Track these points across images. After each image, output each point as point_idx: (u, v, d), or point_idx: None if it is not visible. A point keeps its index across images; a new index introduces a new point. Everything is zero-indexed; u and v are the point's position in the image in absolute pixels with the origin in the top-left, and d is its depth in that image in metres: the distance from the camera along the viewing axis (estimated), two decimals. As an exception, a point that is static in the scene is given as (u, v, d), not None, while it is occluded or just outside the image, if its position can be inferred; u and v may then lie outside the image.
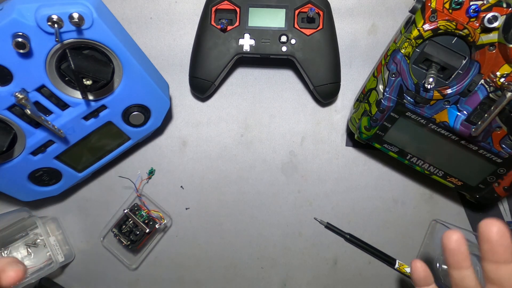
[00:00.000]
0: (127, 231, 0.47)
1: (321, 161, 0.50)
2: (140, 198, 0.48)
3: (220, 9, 0.44)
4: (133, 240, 0.47)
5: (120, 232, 0.47)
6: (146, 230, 0.46)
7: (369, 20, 0.48)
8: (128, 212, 0.47)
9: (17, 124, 0.37)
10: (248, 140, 0.50)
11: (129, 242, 0.47)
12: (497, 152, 0.40)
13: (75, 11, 0.31)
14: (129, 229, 0.47)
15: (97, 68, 0.35)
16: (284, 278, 0.51)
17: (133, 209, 0.47)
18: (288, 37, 0.43)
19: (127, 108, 0.41)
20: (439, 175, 0.44)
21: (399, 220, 0.50)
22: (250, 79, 0.50)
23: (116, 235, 0.47)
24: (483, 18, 0.34)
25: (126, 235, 0.47)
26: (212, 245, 0.50)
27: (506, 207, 0.50)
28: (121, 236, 0.47)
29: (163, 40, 0.49)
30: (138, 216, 0.47)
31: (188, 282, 0.51)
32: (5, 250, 0.47)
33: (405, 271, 0.49)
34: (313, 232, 0.50)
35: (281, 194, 0.50)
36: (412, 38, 0.36)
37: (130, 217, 0.47)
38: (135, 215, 0.47)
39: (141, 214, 0.47)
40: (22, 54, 0.33)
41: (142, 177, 0.49)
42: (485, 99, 0.37)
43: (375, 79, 0.41)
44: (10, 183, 0.42)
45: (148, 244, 0.49)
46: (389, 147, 0.44)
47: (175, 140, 0.50)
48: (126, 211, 0.46)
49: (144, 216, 0.47)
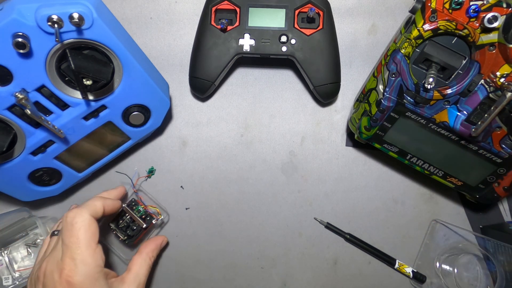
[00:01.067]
0: (124, 226, 0.47)
1: (321, 161, 0.50)
2: (137, 194, 0.48)
3: (220, 9, 0.44)
4: (130, 235, 0.47)
5: (117, 227, 0.47)
6: (143, 225, 0.46)
7: (369, 20, 0.48)
8: (125, 207, 0.46)
9: (17, 124, 0.37)
10: (248, 140, 0.50)
11: (126, 237, 0.47)
12: (497, 152, 0.40)
13: (75, 11, 0.31)
14: (126, 224, 0.47)
15: (97, 68, 0.35)
16: (284, 278, 0.51)
17: (130, 204, 0.47)
18: (288, 37, 0.43)
19: (127, 108, 0.41)
20: (439, 175, 0.44)
21: (399, 220, 0.50)
22: (250, 79, 0.50)
23: (113, 229, 0.47)
24: (483, 18, 0.34)
25: (123, 230, 0.47)
26: (212, 245, 0.50)
27: (506, 207, 0.50)
28: (117, 230, 0.47)
29: (163, 40, 0.49)
30: (135, 211, 0.47)
31: (188, 282, 0.51)
32: (5, 250, 0.47)
33: (405, 271, 0.49)
34: (313, 232, 0.50)
35: (281, 194, 0.50)
36: (412, 38, 0.36)
37: (127, 212, 0.46)
38: (132, 210, 0.47)
39: (138, 209, 0.47)
40: (22, 54, 0.33)
41: (139, 174, 0.49)
42: (485, 99, 0.37)
43: (375, 79, 0.41)
44: (10, 183, 0.42)
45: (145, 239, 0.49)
46: (389, 147, 0.44)
47: (175, 140, 0.50)
48: (124, 206, 0.46)
49: (142, 211, 0.47)
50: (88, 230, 0.36)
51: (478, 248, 0.48)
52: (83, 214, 0.36)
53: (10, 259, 0.47)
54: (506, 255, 0.45)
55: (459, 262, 0.48)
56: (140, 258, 0.43)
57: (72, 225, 0.36)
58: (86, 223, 0.36)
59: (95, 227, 0.37)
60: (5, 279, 0.46)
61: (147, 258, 0.44)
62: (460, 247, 0.49)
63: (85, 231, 0.36)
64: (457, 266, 0.48)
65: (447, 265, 0.49)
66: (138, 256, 0.43)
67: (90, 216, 0.37)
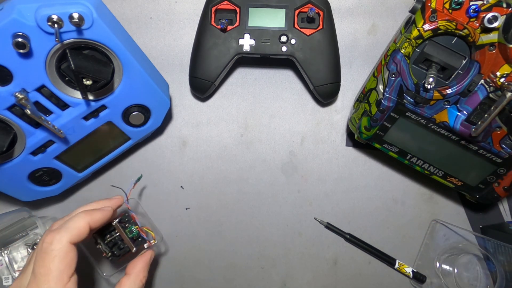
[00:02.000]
0: (110, 242, 0.40)
1: (321, 161, 0.50)
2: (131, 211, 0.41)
3: (220, 9, 0.44)
4: (116, 254, 0.40)
5: (103, 241, 0.40)
6: (133, 249, 0.40)
7: (369, 20, 0.48)
8: (116, 224, 0.39)
9: (17, 124, 0.37)
10: (248, 140, 0.50)
11: (110, 253, 0.40)
12: (497, 152, 0.40)
13: (75, 11, 0.31)
14: (113, 241, 0.40)
15: (97, 68, 0.35)
16: (284, 278, 0.51)
17: (123, 220, 0.40)
18: (288, 37, 0.43)
19: (127, 108, 0.41)
20: (439, 175, 0.44)
21: (399, 220, 0.50)
22: (250, 79, 0.50)
23: (98, 243, 0.40)
24: (483, 18, 0.34)
25: (108, 246, 0.40)
26: (212, 245, 0.50)
27: (506, 207, 0.50)
28: (102, 245, 0.40)
29: (163, 40, 0.49)
30: (128, 231, 0.40)
31: (188, 282, 0.51)
32: (5, 250, 0.47)
33: (405, 271, 0.49)
34: (313, 232, 0.50)
35: (281, 194, 0.50)
36: (412, 38, 0.36)
37: (117, 229, 0.40)
38: (124, 229, 0.40)
39: (130, 229, 0.41)
40: (22, 54, 0.33)
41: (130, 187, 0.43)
42: (485, 99, 0.37)
43: (375, 79, 0.41)
44: (10, 183, 0.42)
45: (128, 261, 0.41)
46: (389, 147, 0.44)
47: (175, 140, 0.50)
48: (115, 222, 0.39)
49: (134, 232, 0.41)
50: (63, 261, 0.31)
51: (478, 248, 0.48)
52: (61, 240, 0.31)
53: (10, 259, 0.47)
54: (506, 255, 0.45)
55: (459, 262, 0.48)
56: (129, 281, 0.37)
57: (46, 253, 0.31)
58: (63, 252, 0.31)
59: (73, 255, 0.32)
60: (5, 279, 0.46)
61: (137, 280, 0.37)
62: (460, 247, 0.49)
63: (59, 262, 0.31)
64: (457, 266, 0.48)
65: (447, 265, 0.49)
66: (126, 279, 0.37)
67: (68, 244, 0.31)
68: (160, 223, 0.50)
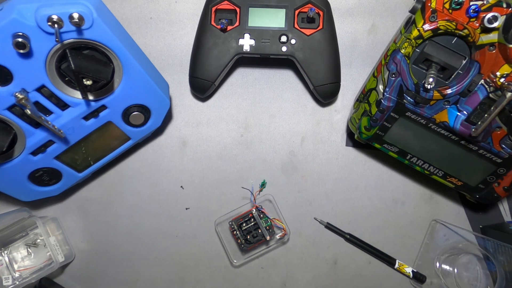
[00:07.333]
0: (245, 230, 0.46)
1: (321, 161, 0.50)
2: (259, 209, 0.47)
3: (220, 9, 0.44)
4: (249, 241, 0.46)
5: (240, 228, 0.46)
6: (267, 237, 0.46)
7: (369, 20, 0.48)
8: (255, 212, 0.46)
9: (17, 124, 0.37)
10: (248, 140, 0.50)
11: (244, 241, 0.46)
12: (497, 152, 0.40)
13: (75, 11, 0.31)
14: (249, 229, 0.46)
15: (97, 68, 0.35)
16: (284, 278, 0.51)
17: (258, 212, 0.47)
18: (288, 37, 0.43)
19: (127, 108, 0.41)
20: (439, 175, 0.44)
21: (399, 220, 0.50)
22: (250, 79, 0.50)
23: (234, 229, 0.46)
24: (483, 18, 0.34)
25: (243, 234, 0.46)
26: (212, 245, 0.50)
27: (506, 207, 0.50)
28: (238, 232, 0.46)
29: (163, 40, 0.49)
30: (263, 221, 0.46)
31: (188, 282, 0.51)
32: (5, 250, 0.47)
33: (405, 271, 0.49)
34: (313, 232, 0.50)
35: (281, 194, 0.50)
36: (412, 38, 0.36)
37: (255, 218, 0.46)
38: (260, 219, 0.46)
39: (265, 219, 0.47)
40: (22, 54, 0.33)
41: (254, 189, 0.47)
42: (485, 99, 0.37)
43: (375, 79, 0.41)
44: (10, 183, 0.42)
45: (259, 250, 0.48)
46: (389, 147, 0.44)
47: (175, 140, 0.50)
48: (253, 211, 0.46)
49: (268, 222, 0.47)
50: None
51: (478, 248, 0.48)
52: None
53: (10, 259, 0.47)
54: (506, 255, 0.45)
55: (459, 262, 0.48)
56: None
57: None
58: None
59: None
60: (5, 279, 0.46)
61: None
62: (460, 247, 0.49)
63: None
64: (457, 266, 0.48)
65: (447, 265, 0.49)
66: None
67: None
68: (160, 223, 0.50)
